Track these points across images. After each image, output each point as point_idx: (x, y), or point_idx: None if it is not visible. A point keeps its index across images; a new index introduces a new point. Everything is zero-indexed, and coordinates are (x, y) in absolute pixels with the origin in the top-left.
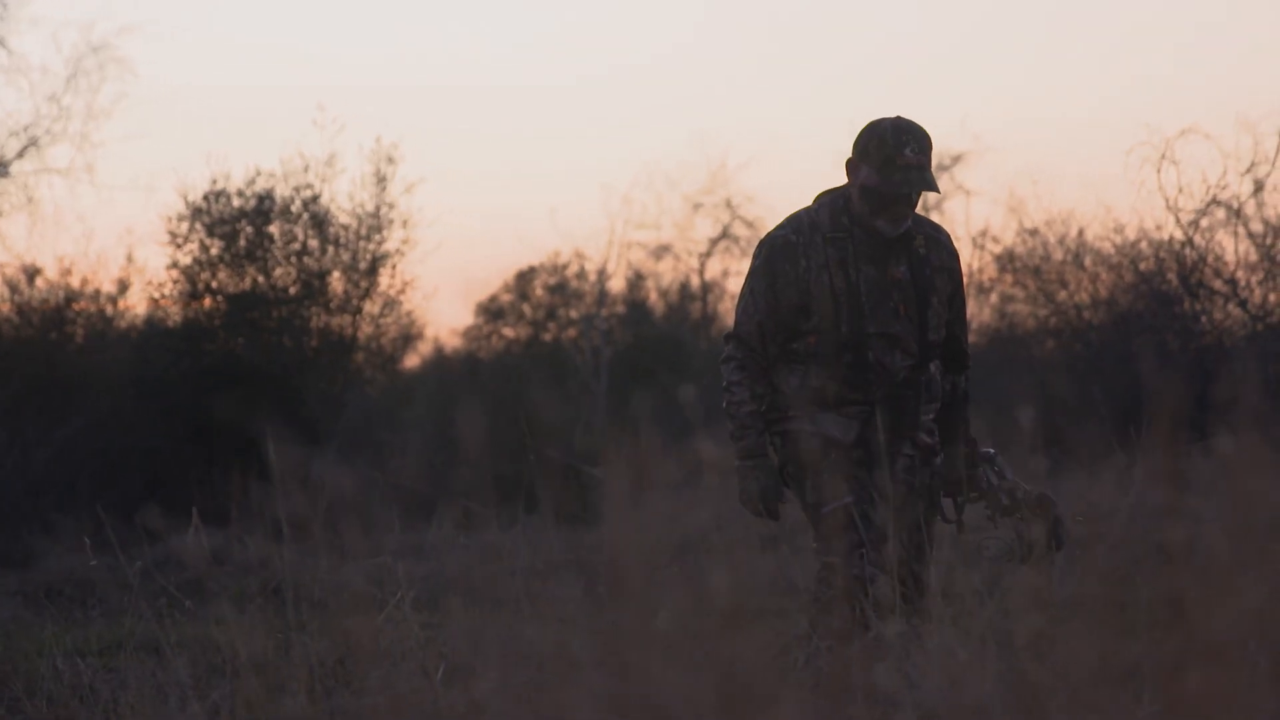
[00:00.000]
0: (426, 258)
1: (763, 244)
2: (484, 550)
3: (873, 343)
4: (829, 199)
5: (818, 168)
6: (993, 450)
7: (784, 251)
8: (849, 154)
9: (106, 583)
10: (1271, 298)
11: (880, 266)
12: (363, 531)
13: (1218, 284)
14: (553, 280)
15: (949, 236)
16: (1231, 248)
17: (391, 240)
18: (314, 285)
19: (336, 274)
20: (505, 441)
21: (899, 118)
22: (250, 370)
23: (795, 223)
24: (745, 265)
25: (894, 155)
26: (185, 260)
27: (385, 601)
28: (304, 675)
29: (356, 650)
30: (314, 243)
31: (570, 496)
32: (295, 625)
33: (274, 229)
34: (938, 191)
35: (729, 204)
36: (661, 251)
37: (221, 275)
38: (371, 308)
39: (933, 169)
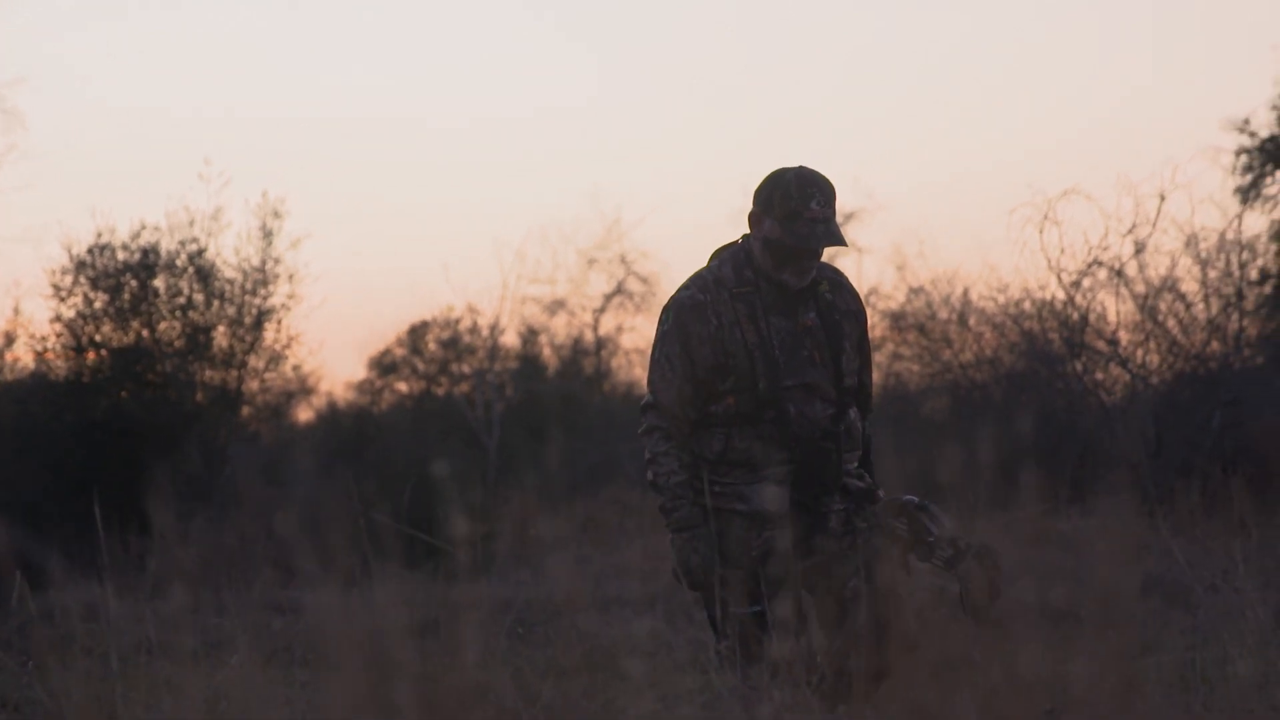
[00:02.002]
0: (312, 312)
1: (669, 307)
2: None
3: (792, 395)
4: (729, 254)
5: (711, 224)
6: (916, 499)
7: (693, 312)
8: (751, 205)
9: None
10: (1153, 358)
11: (789, 316)
12: (243, 585)
13: (1100, 344)
14: (445, 334)
15: (849, 280)
16: (1114, 308)
17: (277, 295)
18: (199, 339)
19: (221, 328)
20: (387, 497)
21: (802, 168)
22: (134, 424)
23: (700, 281)
24: (639, 321)
25: (799, 209)
26: (69, 313)
27: (216, 658)
28: None
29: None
30: (199, 297)
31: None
32: (119, 682)
33: (159, 283)
34: (844, 245)
35: (623, 260)
36: (555, 306)
37: (106, 329)
38: (256, 362)
39: (835, 218)
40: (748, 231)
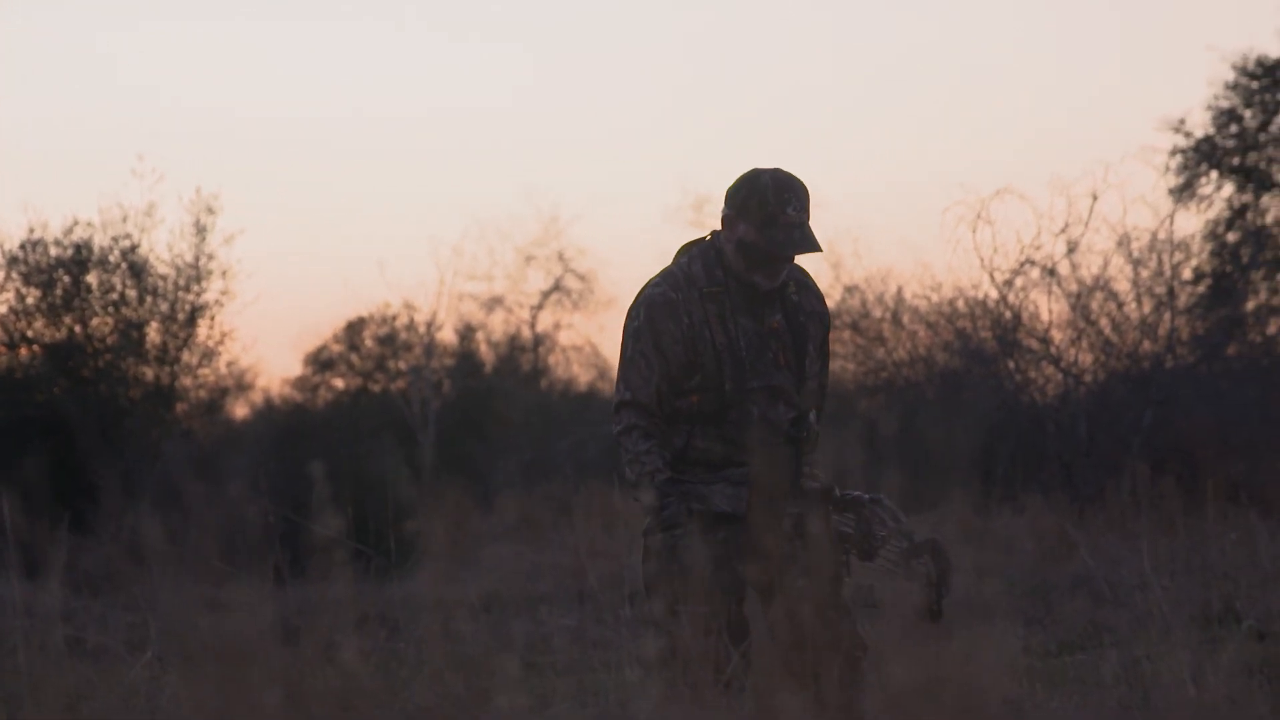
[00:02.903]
0: (246, 309)
1: (639, 304)
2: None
3: (756, 397)
4: (699, 252)
5: (648, 222)
6: (866, 494)
7: (665, 309)
8: (724, 207)
9: None
10: (1085, 357)
11: (756, 318)
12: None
13: (1032, 343)
14: (382, 331)
15: (814, 281)
16: (1046, 307)
17: (210, 291)
18: (132, 335)
19: (155, 324)
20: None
21: (778, 171)
22: (67, 420)
23: (671, 279)
24: (577, 318)
25: (776, 214)
26: (1, 309)
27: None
28: None
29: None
30: (132, 292)
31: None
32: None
33: (92, 278)
34: (820, 250)
35: (561, 257)
36: (493, 303)
37: (38, 324)
38: (190, 358)
39: (810, 223)
40: (717, 229)
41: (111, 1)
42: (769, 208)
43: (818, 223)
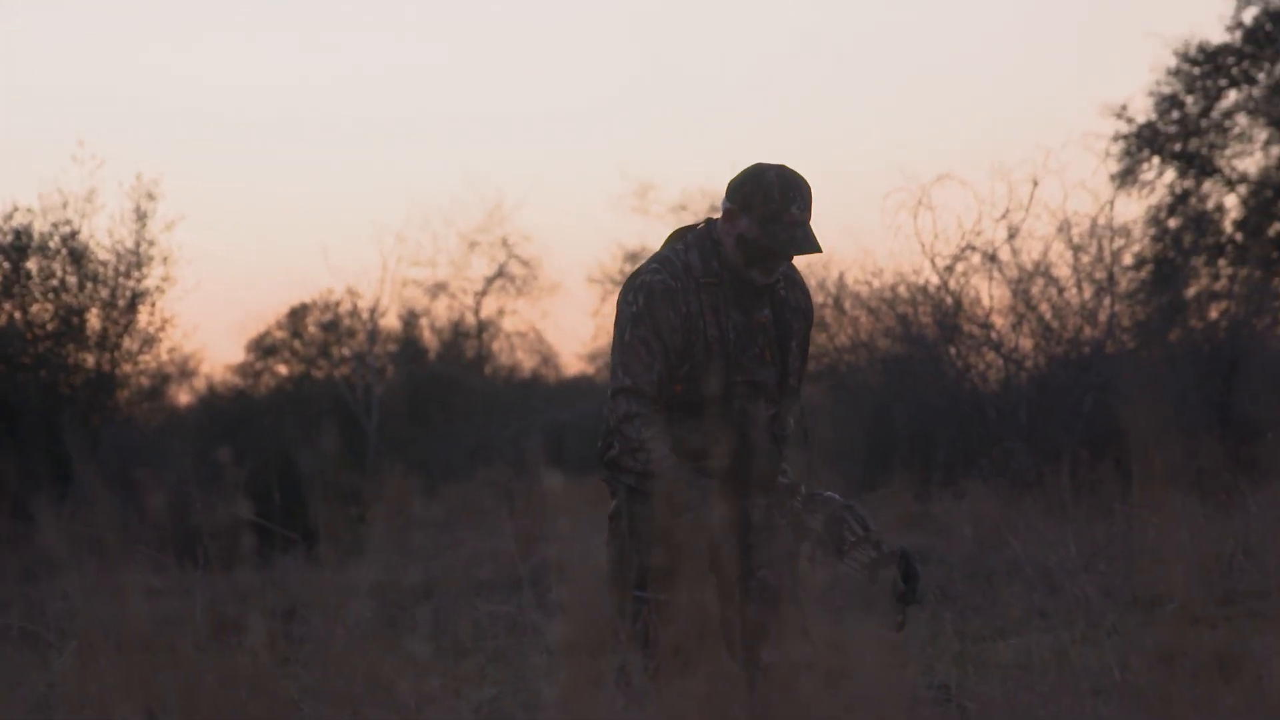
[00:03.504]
0: (187, 295)
1: (638, 289)
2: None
3: (738, 391)
4: (695, 240)
5: (591, 209)
6: (840, 498)
7: (665, 298)
8: (725, 200)
9: None
10: (1026, 343)
11: (747, 312)
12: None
13: (973, 329)
14: (326, 317)
15: (801, 276)
16: (987, 293)
17: (152, 277)
18: (72, 322)
19: (95, 310)
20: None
21: (783, 169)
22: (6, 407)
23: (670, 267)
24: (521, 304)
25: (780, 212)
26: None
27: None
28: None
29: None
30: (72, 279)
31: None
32: None
33: (31, 265)
34: (820, 251)
35: (505, 243)
36: (437, 290)
37: None
38: (131, 345)
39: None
40: (712, 218)
41: None
42: (773, 205)
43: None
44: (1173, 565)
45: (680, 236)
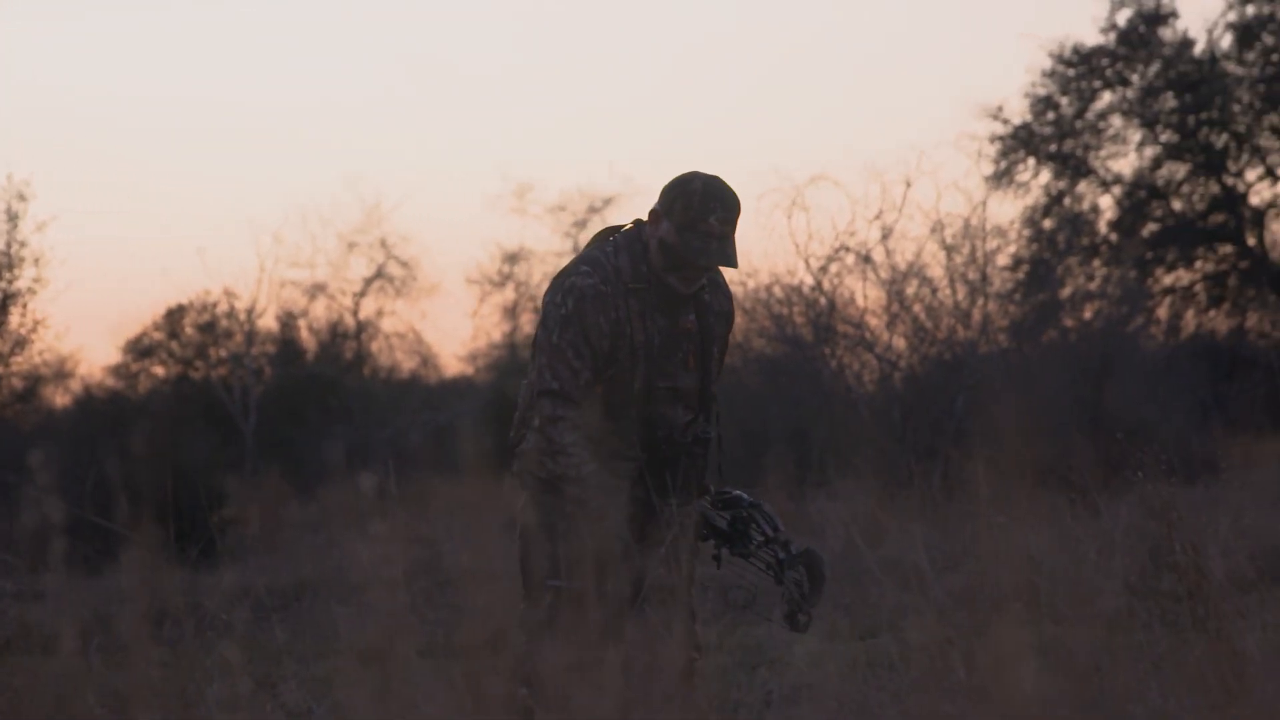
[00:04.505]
0: (59, 296)
1: (568, 291)
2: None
3: (659, 395)
4: (625, 243)
5: (469, 210)
6: (748, 497)
7: (596, 303)
8: (656, 201)
9: None
10: (900, 343)
11: (672, 317)
12: None
13: (848, 329)
14: (202, 318)
15: (725, 280)
16: (861, 293)
17: (23, 279)
18: None
19: None
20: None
21: (712, 179)
22: None
23: (601, 271)
24: (400, 305)
25: (698, 220)
26: None
27: None
28: None
29: None
30: None
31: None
32: None
33: None
34: (735, 266)
35: (383, 244)
36: (315, 290)
37: None
38: (2, 346)
39: (735, 236)
40: (640, 219)
41: None
42: (692, 212)
43: (631, 208)
44: (1042, 564)
45: (605, 237)
